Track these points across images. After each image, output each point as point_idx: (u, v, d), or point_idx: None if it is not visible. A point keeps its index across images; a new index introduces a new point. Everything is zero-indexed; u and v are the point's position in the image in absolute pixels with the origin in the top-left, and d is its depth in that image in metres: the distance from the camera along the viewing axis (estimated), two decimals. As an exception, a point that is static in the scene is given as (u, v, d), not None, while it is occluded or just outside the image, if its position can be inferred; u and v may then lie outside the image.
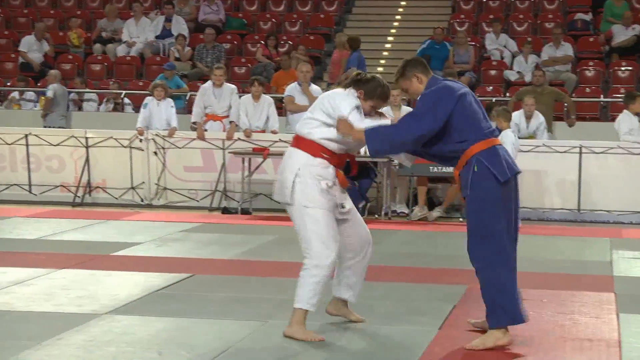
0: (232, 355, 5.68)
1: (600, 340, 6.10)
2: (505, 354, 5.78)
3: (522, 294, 6.08)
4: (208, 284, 7.89)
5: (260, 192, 13.70)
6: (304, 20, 20.56)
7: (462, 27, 19.66)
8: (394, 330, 6.34)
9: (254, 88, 14.10)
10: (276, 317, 6.60)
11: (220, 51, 18.68)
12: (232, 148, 13.64)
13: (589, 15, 19.44)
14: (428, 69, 6.21)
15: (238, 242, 10.35)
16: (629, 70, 17.87)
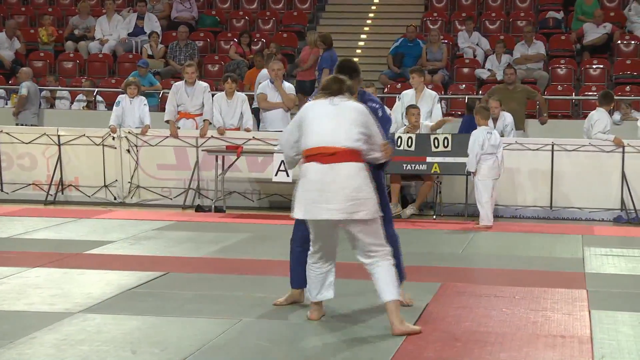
0: (206, 353, 5.68)
1: (573, 336, 6.14)
2: (478, 349, 5.81)
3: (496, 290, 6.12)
4: (182, 282, 7.87)
5: (234, 190, 13.69)
6: (277, 17, 20.55)
7: (435, 25, 19.71)
8: (368, 327, 6.35)
9: (227, 85, 14.08)
10: (250, 315, 6.61)
11: (193, 49, 18.63)
12: (206, 146, 13.60)
13: (560, 14, 19.55)
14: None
15: (212, 240, 10.33)
16: (600, 68, 17.99)
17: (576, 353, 5.77)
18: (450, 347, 5.87)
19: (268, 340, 5.96)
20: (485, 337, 6.11)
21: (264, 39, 19.48)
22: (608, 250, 10.00)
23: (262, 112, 14.31)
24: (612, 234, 11.72)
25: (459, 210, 12.91)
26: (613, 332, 6.30)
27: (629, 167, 12.95)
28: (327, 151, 6.16)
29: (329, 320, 6.47)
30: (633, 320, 6.63)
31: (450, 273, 8.53)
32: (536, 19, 19.71)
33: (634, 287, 8.05)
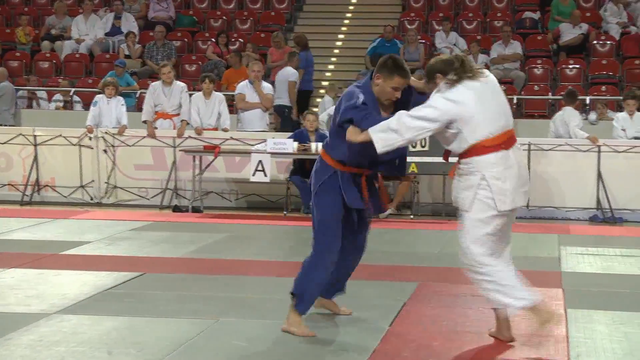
0: (183, 353, 5.66)
1: (549, 335, 6.16)
2: (456, 348, 5.82)
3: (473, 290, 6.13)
4: (159, 282, 7.85)
5: (211, 190, 13.67)
6: (254, 17, 20.53)
7: (412, 25, 19.75)
8: (347, 326, 6.36)
9: (204, 85, 14.07)
10: (227, 315, 6.60)
11: (171, 49, 18.59)
12: (183, 146, 13.58)
13: (537, 14, 19.64)
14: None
15: (189, 241, 10.31)
16: (576, 68, 18.08)
17: (552, 352, 5.79)
18: (427, 346, 5.88)
19: (245, 340, 5.95)
20: (462, 337, 6.12)
21: (242, 39, 19.45)
22: (584, 249, 10.05)
23: (240, 112, 14.31)
24: (588, 233, 11.78)
25: (437, 210, 12.94)
26: (589, 330, 6.33)
27: (605, 167, 13.02)
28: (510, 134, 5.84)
29: (307, 320, 6.46)
30: (608, 319, 6.67)
31: (427, 273, 8.55)
32: (513, 19, 19.79)
33: (609, 285, 8.10)
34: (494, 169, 5.70)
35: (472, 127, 5.69)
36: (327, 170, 6.15)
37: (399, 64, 6.01)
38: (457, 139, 5.75)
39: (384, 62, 6.01)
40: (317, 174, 6.22)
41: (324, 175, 6.15)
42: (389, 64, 6.00)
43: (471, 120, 5.69)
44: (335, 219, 6.14)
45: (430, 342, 6.00)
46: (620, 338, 6.14)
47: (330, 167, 6.14)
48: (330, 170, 6.13)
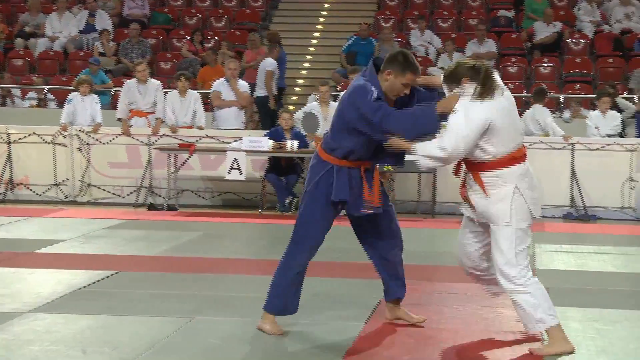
0: (157, 352, 5.65)
1: (524, 332, 6.19)
2: (431, 346, 5.84)
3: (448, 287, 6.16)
4: (133, 281, 7.82)
5: (186, 188, 13.63)
6: (230, 15, 20.49)
7: (388, 23, 19.78)
8: (322, 325, 6.36)
9: (180, 83, 14.04)
10: (202, 314, 6.58)
11: (146, 46, 18.51)
12: (158, 144, 13.54)
13: (511, 12, 19.72)
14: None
15: (164, 239, 10.28)
16: (550, 66, 18.17)
17: (527, 349, 5.82)
18: (402, 344, 5.90)
19: (220, 338, 5.94)
20: (438, 334, 6.14)
21: (217, 37, 19.41)
22: (558, 247, 10.10)
23: (216, 110, 14.29)
24: (562, 231, 11.84)
25: (412, 208, 12.97)
26: (563, 327, 6.36)
27: (579, 165, 13.10)
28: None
29: (283, 318, 6.46)
30: (582, 316, 6.71)
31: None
32: (487, 17, 19.86)
33: (583, 283, 8.15)
34: (525, 179, 5.78)
35: (501, 138, 5.73)
36: (324, 166, 6.08)
37: (410, 59, 5.92)
38: (483, 150, 5.74)
39: (394, 57, 5.92)
40: (312, 170, 6.17)
41: (320, 171, 6.09)
42: (400, 60, 5.90)
43: (500, 132, 5.72)
44: (320, 228, 6.11)
45: (406, 339, 6.01)
46: (594, 335, 6.18)
47: (327, 163, 6.08)
48: (327, 165, 6.07)
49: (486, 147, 5.72)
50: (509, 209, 5.72)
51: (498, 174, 5.75)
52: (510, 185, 5.74)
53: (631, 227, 12.27)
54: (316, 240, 6.13)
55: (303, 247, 6.12)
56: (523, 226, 5.76)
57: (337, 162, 6.05)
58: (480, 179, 5.79)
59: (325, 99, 13.65)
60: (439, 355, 5.66)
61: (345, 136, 5.97)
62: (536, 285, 5.76)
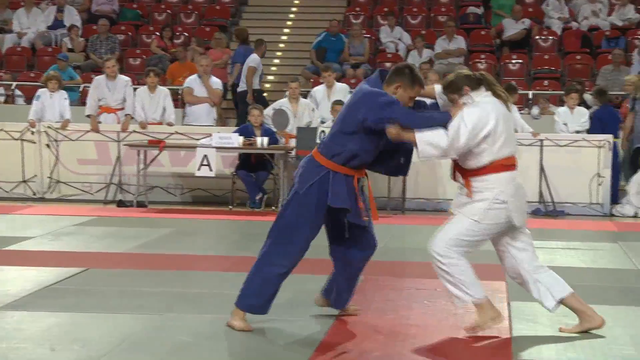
0: (127, 349, 5.62)
1: (493, 328, 6.22)
2: (400, 342, 5.86)
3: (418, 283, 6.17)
4: (103, 278, 7.79)
5: (156, 185, 13.59)
6: (199, 11, 20.43)
7: (358, 19, 19.81)
8: (292, 321, 6.36)
9: (149, 80, 13.98)
10: (172, 310, 6.56)
11: (114, 42, 18.43)
12: (127, 140, 13.48)
13: (480, 9, 19.80)
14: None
15: (133, 236, 10.24)
16: (519, 63, 18.26)
17: (495, 344, 5.85)
18: (372, 340, 5.91)
19: (190, 335, 5.93)
20: (407, 330, 6.16)
21: (186, 33, 19.35)
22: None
23: (188, 106, 14.25)
24: (530, 227, 11.82)
25: (382, 205, 12.99)
26: (531, 322, 6.41)
27: (547, 161, 13.18)
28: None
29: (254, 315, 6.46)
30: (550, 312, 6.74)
31: (372, 267, 8.53)
32: (457, 14, 19.92)
33: (552, 278, 8.19)
34: (510, 185, 5.99)
35: (499, 144, 5.92)
36: (319, 170, 6.03)
37: (417, 73, 6.09)
38: (479, 155, 5.92)
39: (401, 70, 6.05)
40: (305, 173, 6.08)
41: (314, 175, 6.03)
42: (408, 73, 6.03)
43: (499, 137, 5.91)
44: (305, 236, 6.07)
45: (376, 335, 6.03)
46: (562, 330, 6.22)
47: (323, 167, 6.04)
48: (323, 170, 6.03)
49: (483, 153, 5.91)
50: (484, 210, 5.96)
51: (485, 179, 5.97)
52: (496, 189, 5.96)
53: (599, 222, 12.36)
54: (301, 247, 6.10)
55: (285, 251, 6.07)
56: (488, 229, 6.05)
57: (334, 168, 6.03)
58: (470, 183, 6.02)
59: (295, 95, 13.65)
60: (409, 350, 5.68)
61: (352, 139, 5.99)
62: (457, 267, 6.04)
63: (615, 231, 11.59)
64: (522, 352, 5.66)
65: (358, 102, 6.02)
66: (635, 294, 7.57)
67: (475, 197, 6.00)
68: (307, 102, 13.84)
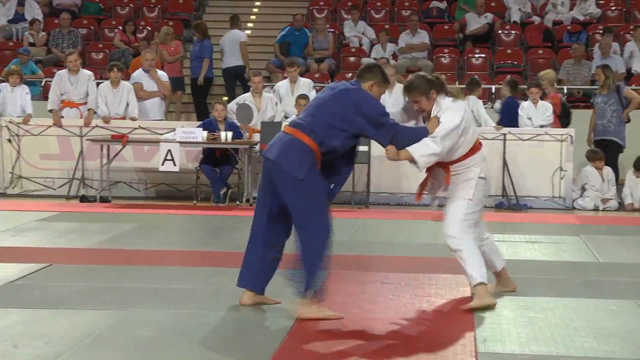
0: (90, 345, 5.60)
1: (456, 321, 6.27)
2: (363, 335, 5.87)
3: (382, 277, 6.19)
4: (66, 273, 7.74)
5: (119, 180, 13.52)
6: (162, 5, 20.34)
7: (321, 14, 19.82)
8: (256, 316, 6.36)
9: (112, 74, 13.90)
10: (137, 306, 6.54)
11: (77, 36, 18.29)
12: (90, 135, 13.40)
13: (444, 4, 19.87)
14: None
15: (97, 231, 10.19)
16: (482, 57, 18.36)
17: (459, 337, 5.89)
18: (337, 333, 5.92)
19: (154, 330, 5.91)
20: (372, 324, 6.18)
21: (150, 27, 19.25)
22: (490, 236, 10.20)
23: (138, 101, 14.15)
24: (494, 220, 11.96)
25: (346, 199, 13.02)
26: (494, 316, 6.45)
27: (510, 155, 13.26)
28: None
29: (219, 310, 6.46)
30: (513, 304, 6.81)
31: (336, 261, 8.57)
32: (420, 8, 19.99)
33: (514, 271, 8.22)
34: (485, 163, 6.81)
35: (471, 132, 6.66)
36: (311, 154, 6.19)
37: (385, 72, 6.68)
38: (460, 147, 6.59)
39: (371, 69, 6.58)
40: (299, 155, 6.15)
41: (308, 157, 6.17)
42: (379, 72, 6.55)
43: (471, 127, 6.67)
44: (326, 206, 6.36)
45: (341, 329, 6.04)
46: (525, 323, 6.27)
47: (312, 152, 6.19)
48: (313, 155, 6.20)
49: (463, 144, 6.60)
50: (473, 188, 6.69)
51: (468, 162, 6.69)
52: (477, 169, 6.72)
53: (561, 215, 12.47)
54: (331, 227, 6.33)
55: (327, 234, 6.25)
56: (479, 202, 6.78)
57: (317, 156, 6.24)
58: (449, 172, 6.70)
59: (258, 89, 13.63)
60: (373, 344, 5.70)
61: (339, 135, 6.22)
62: (471, 247, 6.70)
63: (577, 224, 11.70)
64: (485, 345, 5.70)
65: (356, 103, 6.28)
66: (597, 286, 7.65)
67: (460, 179, 6.69)
68: (271, 96, 13.83)
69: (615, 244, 10.03)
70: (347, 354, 5.44)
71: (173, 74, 15.81)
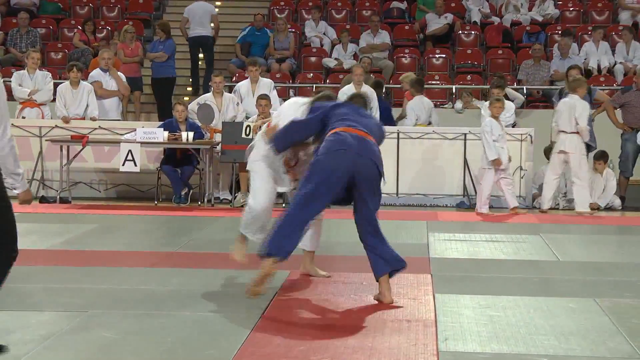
0: (49, 347, 5.55)
1: (418, 320, 6.29)
2: (327, 336, 5.88)
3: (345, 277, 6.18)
4: (25, 275, 7.64)
5: (79, 181, 13.43)
6: (122, 5, 20.21)
7: (282, 14, 19.81)
8: (217, 317, 6.34)
9: (72, 74, 13.81)
10: (97, 307, 6.50)
11: (35, 36, 18.14)
12: (50, 135, 13.29)
13: (404, 4, 19.94)
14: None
15: (57, 232, 10.11)
16: (442, 57, 18.45)
17: (421, 336, 5.91)
18: (299, 334, 5.92)
19: (115, 332, 5.87)
20: (334, 323, 6.19)
21: (109, 27, 19.13)
22: (451, 235, 10.28)
23: (98, 100, 14.07)
24: (454, 219, 12.05)
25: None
26: (456, 315, 6.49)
27: (470, 154, 13.34)
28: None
29: (181, 309, 6.43)
30: (474, 303, 6.84)
31: (298, 261, 8.59)
32: (381, 9, 20.04)
33: (475, 270, 8.31)
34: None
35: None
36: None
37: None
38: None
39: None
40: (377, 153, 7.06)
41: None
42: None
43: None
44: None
45: (302, 330, 6.04)
46: (486, 321, 6.31)
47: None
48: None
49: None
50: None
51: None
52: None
53: (521, 215, 12.55)
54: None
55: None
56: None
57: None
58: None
59: (218, 89, 13.59)
60: (335, 343, 5.70)
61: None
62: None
63: (537, 223, 11.78)
64: (447, 344, 5.73)
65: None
66: (556, 284, 7.71)
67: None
68: (232, 96, 13.80)
69: (574, 243, 10.13)
70: (307, 355, 5.44)
71: (130, 73, 15.73)
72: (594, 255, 9.37)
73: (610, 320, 6.37)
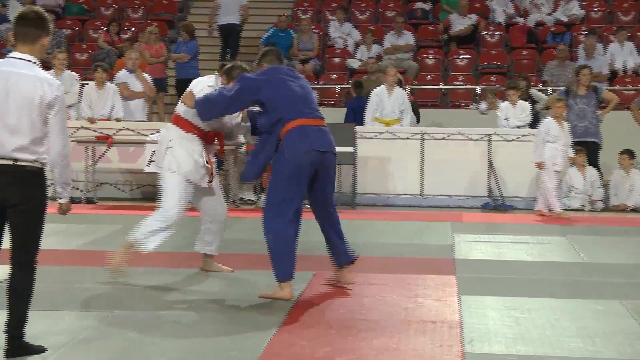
0: (75, 347, 5.57)
1: (443, 322, 6.27)
2: (352, 337, 5.87)
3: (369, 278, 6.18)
4: (50, 275, 7.68)
5: (104, 182, 13.48)
6: (146, 6, 20.29)
7: (306, 14, 19.81)
8: (242, 317, 6.35)
9: (97, 75, 13.87)
10: (121, 307, 6.52)
11: (61, 37, 18.22)
12: (75, 136, 13.34)
13: (428, 5, 19.90)
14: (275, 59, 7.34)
15: (82, 232, 10.15)
16: (466, 58, 18.39)
17: (446, 338, 5.89)
18: (324, 335, 5.91)
19: (139, 332, 5.89)
20: (359, 324, 6.18)
21: (134, 28, 19.20)
22: (476, 237, 10.24)
23: (123, 101, 14.13)
24: (479, 221, 12.01)
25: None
26: (481, 316, 6.46)
27: (495, 156, 13.30)
28: None
29: (205, 309, 6.44)
30: (499, 304, 6.82)
31: (323, 262, 8.58)
32: (404, 9, 20.00)
33: (500, 272, 8.28)
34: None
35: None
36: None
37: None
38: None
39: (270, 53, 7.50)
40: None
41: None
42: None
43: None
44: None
45: (328, 330, 6.03)
46: (511, 323, 6.28)
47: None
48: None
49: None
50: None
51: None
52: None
53: (546, 216, 12.48)
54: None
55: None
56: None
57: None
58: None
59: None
60: (360, 345, 5.69)
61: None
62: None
63: (563, 225, 11.72)
64: (472, 345, 5.71)
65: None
66: (582, 286, 7.67)
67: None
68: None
69: (600, 245, 10.07)
70: (333, 356, 5.43)
71: (156, 74, 15.78)
72: (620, 257, 9.32)
73: (636, 322, 6.33)
